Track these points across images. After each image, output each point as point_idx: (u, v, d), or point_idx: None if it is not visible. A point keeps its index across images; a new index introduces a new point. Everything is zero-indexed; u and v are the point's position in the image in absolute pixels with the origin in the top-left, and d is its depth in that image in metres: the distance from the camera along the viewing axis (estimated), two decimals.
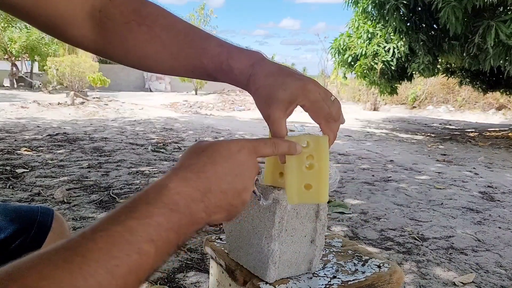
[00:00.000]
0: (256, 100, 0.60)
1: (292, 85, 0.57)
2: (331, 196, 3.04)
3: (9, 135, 5.33)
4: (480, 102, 14.35)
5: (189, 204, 0.43)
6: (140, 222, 0.39)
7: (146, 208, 0.40)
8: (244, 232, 0.72)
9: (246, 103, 13.42)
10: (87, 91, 12.71)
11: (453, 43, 6.36)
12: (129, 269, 0.36)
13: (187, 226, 0.43)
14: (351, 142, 6.52)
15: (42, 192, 2.79)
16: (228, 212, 0.48)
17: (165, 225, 0.40)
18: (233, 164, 0.48)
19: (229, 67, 0.60)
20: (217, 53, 0.61)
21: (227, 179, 0.47)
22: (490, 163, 5.05)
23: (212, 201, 0.45)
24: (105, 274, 0.34)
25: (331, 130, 0.61)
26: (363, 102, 16.11)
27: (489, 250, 2.18)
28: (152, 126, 7.20)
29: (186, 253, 1.93)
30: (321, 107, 0.59)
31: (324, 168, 0.59)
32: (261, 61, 0.60)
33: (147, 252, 0.38)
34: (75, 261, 0.33)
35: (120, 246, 0.36)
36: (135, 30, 0.61)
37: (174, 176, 0.44)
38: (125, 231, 0.37)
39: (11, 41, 16.96)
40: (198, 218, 0.44)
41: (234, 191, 0.48)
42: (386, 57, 7.70)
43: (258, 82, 0.59)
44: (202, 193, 0.44)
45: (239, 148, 0.49)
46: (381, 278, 0.73)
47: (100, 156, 4.15)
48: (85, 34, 0.62)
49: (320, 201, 0.62)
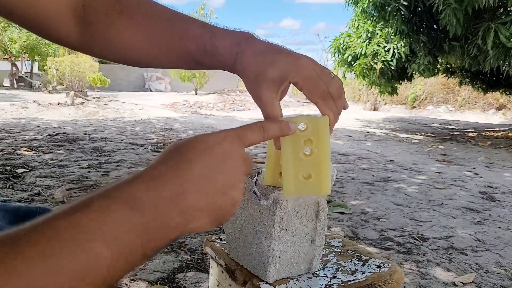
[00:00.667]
0: (245, 81, 0.55)
1: (283, 61, 0.52)
2: (331, 196, 3.04)
3: (9, 135, 5.33)
4: (480, 102, 14.36)
5: (157, 204, 0.36)
6: (92, 217, 0.32)
7: (102, 203, 0.34)
8: (244, 232, 0.72)
9: (246, 103, 13.42)
10: (87, 91, 12.72)
11: (454, 44, 6.36)
12: (74, 272, 0.30)
13: (156, 231, 0.36)
14: (351, 142, 6.52)
15: (42, 192, 2.79)
16: (213, 216, 0.40)
17: (124, 225, 0.33)
18: (213, 158, 0.40)
19: (214, 47, 0.56)
20: (200, 33, 0.57)
21: (205, 176, 0.39)
22: (490, 163, 5.05)
23: (190, 203, 0.38)
24: (41, 275, 0.28)
25: (330, 110, 0.54)
26: (363, 102, 16.12)
27: (489, 250, 2.18)
28: (152, 126, 7.20)
29: (186, 253, 1.93)
30: (316, 84, 0.53)
31: (324, 154, 0.52)
32: (249, 39, 0.55)
33: (99, 255, 0.31)
34: (10, 257, 0.28)
35: (63, 242, 0.30)
36: (116, 20, 0.59)
37: (144, 174, 0.38)
38: (71, 225, 0.31)
39: (11, 41, 16.97)
40: (172, 223, 0.37)
41: (218, 190, 0.40)
42: (386, 57, 7.70)
43: (246, 61, 0.54)
44: (173, 193, 0.37)
45: (219, 139, 0.42)
46: (381, 278, 0.73)
47: (100, 156, 4.15)
48: (70, 31, 0.61)
49: (321, 192, 0.53)
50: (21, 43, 16.86)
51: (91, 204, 0.33)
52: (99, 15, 0.60)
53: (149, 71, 22.69)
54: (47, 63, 13.68)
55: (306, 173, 0.53)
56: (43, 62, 16.85)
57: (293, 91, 14.65)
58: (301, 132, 0.53)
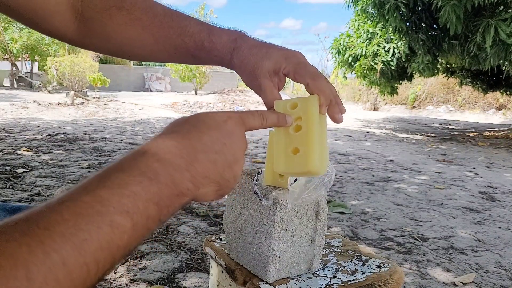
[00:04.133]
0: (242, 73, 0.60)
1: (276, 53, 0.57)
2: (331, 196, 3.04)
3: (9, 135, 5.33)
4: (480, 102, 14.35)
5: (171, 173, 0.38)
6: (113, 191, 0.34)
7: (120, 176, 0.35)
8: (244, 232, 0.72)
9: (246, 103, 13.43)
10: (87, 91, 12.71)
11: (453, 43, 6.36)
12: (100, 245, 0.31)
13: (170, 198, 0.38)
14: (351, 142, 6.52)
15: (42, 192, 2.79)
16: (219, 185, 0.43)
17: (142, 195, 0.35)
18: (220, 133, 0.43)
19: (211, 43, 0.60)
20: (197, 30, 0.60)
21: (215, 147, 0.42)
22: (490, 163, 5.05)
23: (200, 170, 0.40)
24: (71, 250, 0.29)
25: (319, 89, 0.55)
26: (363, 102, 16.12)
27: (489, 250, 2.18)
28: (152, 126, 7.20)
29: (186, 253, 1.93)
30: (305, 67, 0.57)
31: (312, 131, 0.53)
32: (244, 36, 0.60)
33: (121, 226, 0.33)
34: (35, 233, 0.29)
35: (89, 218, 0.31)
36: (115, 15, 0.61)
37: (154, 143, 0.40)
38: (95, 201, 0.33)
39: (12, 41, 16.96)
40: (184, 189, 0.39)
41: (224, 162, 0.43)
42: (386, 57, 7.70)
43: (243, 54, 0.58)
44: (186, 161, 0.39)
45: (225, 118, 0.45)
46: (381, 278, 0.73)
47: (100, 156, 4.15)
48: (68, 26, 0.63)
49: (309, 169, 0.53)
50: (21, 43, 16.85)
51: (109, 180, 0.35)
52: (98, 11, 0.62)
53: (149, 71, 22.70)
54: (47, 63, 13.67)
55: (294, 147, 0.54)
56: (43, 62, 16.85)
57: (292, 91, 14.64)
58: (293, 111, 0.56)
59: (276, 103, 0.57)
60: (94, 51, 0.69)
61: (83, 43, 0.66)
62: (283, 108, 0.56)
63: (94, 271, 0.31)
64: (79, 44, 0.67)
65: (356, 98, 17.13)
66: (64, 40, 0.66)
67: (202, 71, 15.64)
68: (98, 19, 0.62)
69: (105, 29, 0.62)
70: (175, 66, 15.66)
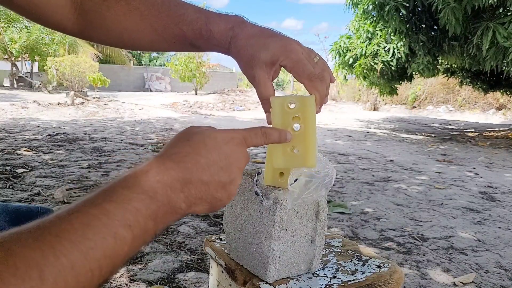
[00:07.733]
0: (239, 62, 0.60)
1: (274, 45, 0.57)
2: (331, 196, 3.04)
3: (9, 135, 5.33)
4: (480, 102, 14.35)
5: (168, 193, 0.42)
6: (118, 206, 0.37)
7: (125, 193, 0.39)
8: (244, 232, 0.72)
9: (246, 103, 13.42)
10: (87, 91, 12.71)
11: (453, 44, 6.36)
12: (104, 253, 0.35)
13: (165, 215, 0.42)
14: (351, 142, 6.52)
15: (42, 192, 2.79)
16: (210, 204, 0.47)
17: (143, 211, 0.39)
18: (218, 156, 0.46)
19: (209, 32, 0.60)
20: (195, 18, 0.61)
21: (210, 170, 0.45)
22: (490, 163, 5.05)
23: (193, 192, 0.44)
24: (79, 255, 0.33)
25: (316, 90, 0.58)
26: (363, 102, 16.12)
27: (489, 250, 2.18)
28: (152, 126, 7.20)
29: (186, 253, 1.93)
30: (304, 66, 0.57)
31: (310, 130, 0.57)
32: (242, 24, 0.60)
33: (123, 238, 0.37)
34: (47, 240, 0.32)
35: (96, 228, 0.35)
36: (113, 6, 0.62)
37: (155, 164, 0.43)
38: (101, 213, 0.36)
39: (12, 41, 16.95)
40: (177, 208, 0.43)
41: (218, 184, 0.46)
42: (386, 57, 7.70)
43: (240, 44, 0.59)
44: (182, 183, 0.43)
45: (227, 139, 0.47)
46: (381, 278, 0.73)
47: (100, 156, 4.15)
48: (69, 18, 0.64)
49: (307, 165, 0.58)
50: (21, 43, 16.83)
51: (115, 195, 0.38)
52: (97, 2, 0.63)
53: (149, 71, 22.69)
54: (47, 63, 13.64)
55: (292, 145, 0.58)
56: (43, 62, 16.81)
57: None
58: (290, 109, 0.58)
59: (272, 100, 0.59)
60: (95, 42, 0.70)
61: (84, 35, 0.67)
62: (281, 106, 0.59)
63: (97, 277, 0.35)
64: (80, 36, 0.68)
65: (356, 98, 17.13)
66: (65, 32, 0.67)
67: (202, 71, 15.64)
68: (97, 11, 0.63)
69: (104, 20, 0.63)
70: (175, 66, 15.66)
